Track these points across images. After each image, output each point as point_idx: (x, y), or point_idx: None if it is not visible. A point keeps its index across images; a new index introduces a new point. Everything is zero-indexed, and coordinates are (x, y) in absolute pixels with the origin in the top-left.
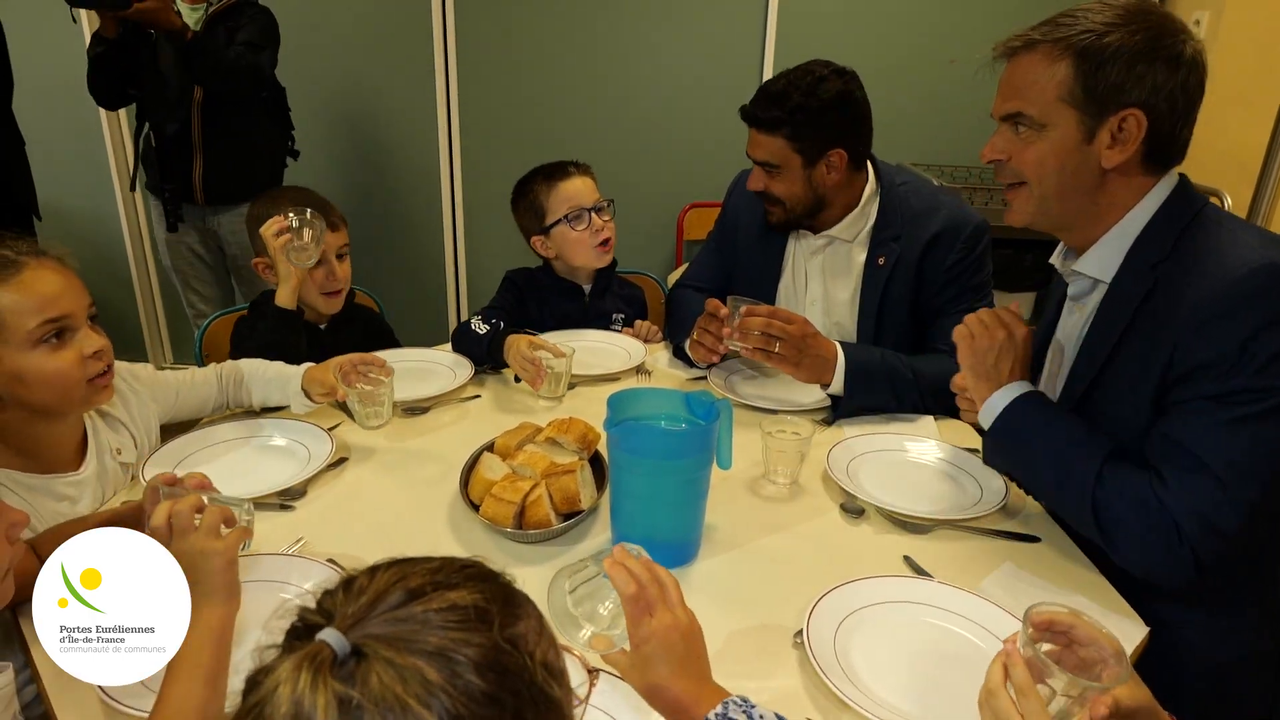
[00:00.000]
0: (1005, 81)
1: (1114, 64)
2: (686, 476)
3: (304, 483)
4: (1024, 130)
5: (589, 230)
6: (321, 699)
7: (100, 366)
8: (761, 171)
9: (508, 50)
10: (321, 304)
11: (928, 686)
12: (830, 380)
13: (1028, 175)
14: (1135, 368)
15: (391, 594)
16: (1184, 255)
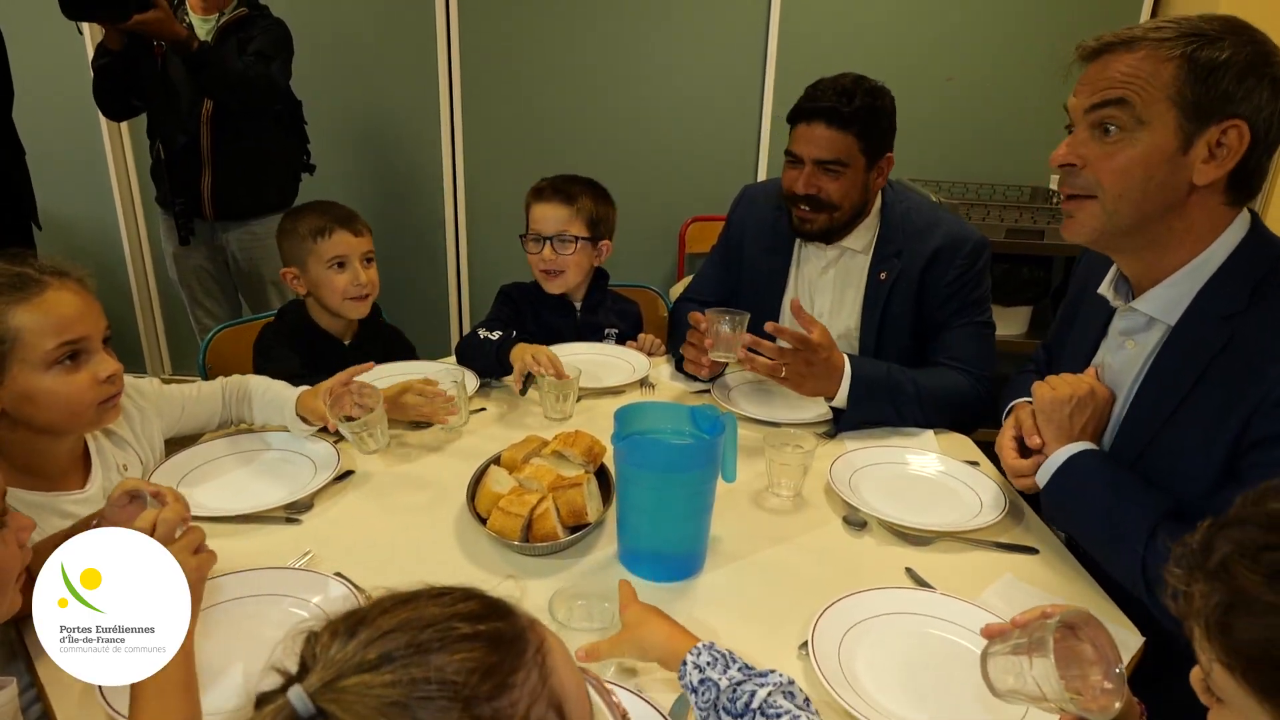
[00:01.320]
0: (1096, 76)
1: (1225, 72)
2: (692, 489)
3: (310, 496)
4: (1114, 131)
5: (539, 257)
6: None
7: (111, 390)
8: (815, 172)
9: (511, 64)
10: (349, 309)
11: (931, 696)
12: (835, 393)
13: (1106, 183)
14: (1206, 424)
15: (373, 649)
16: (1263, 312)
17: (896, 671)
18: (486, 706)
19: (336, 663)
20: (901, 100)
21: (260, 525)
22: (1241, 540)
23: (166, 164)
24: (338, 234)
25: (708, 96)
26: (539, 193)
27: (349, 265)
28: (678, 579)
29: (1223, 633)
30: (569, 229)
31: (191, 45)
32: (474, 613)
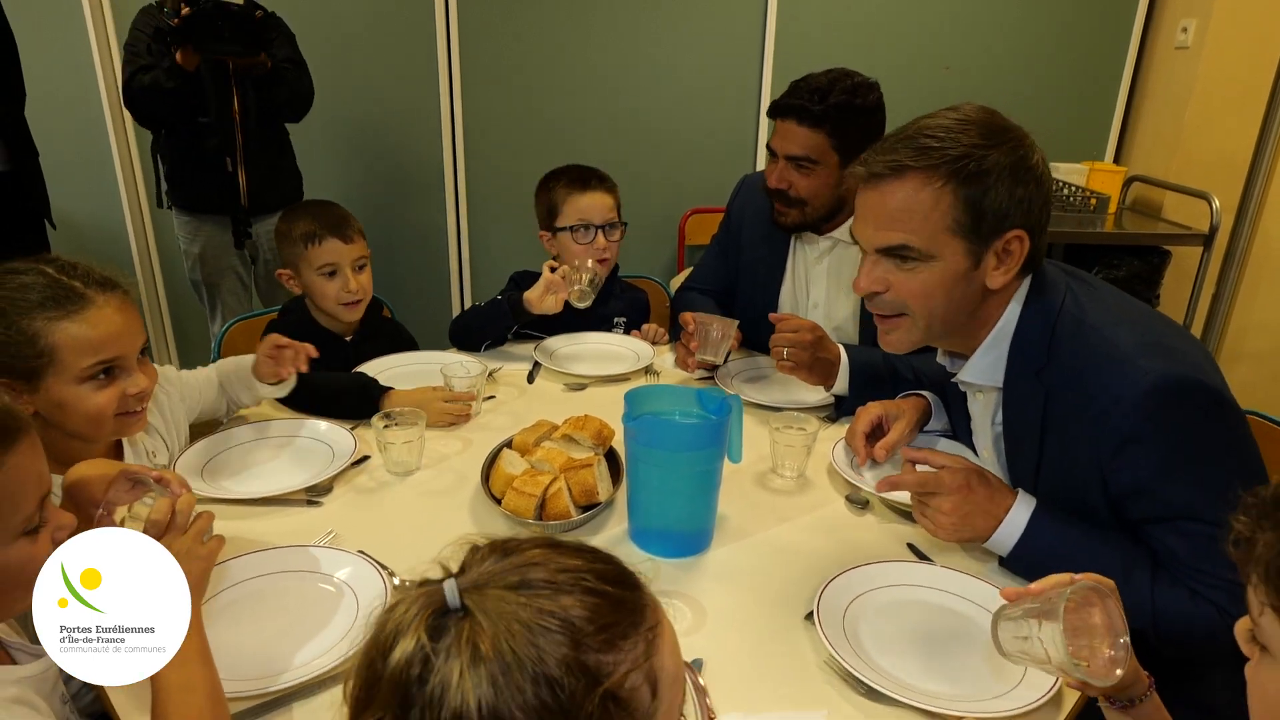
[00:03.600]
0: (876, 209)
1: (996, 192)
2: (700, 468)
3: (330, 479)
4: (908, 261)
5: (590, 246)
6: (412, 633)
7: (134, 405)
8: (787, 168)
9: (510, 58)
10: (342, 313)
11: (931, 660)
12: (833, 382)
13: (912, 305)
14: (1069, 464)
15: (517, 574)
16: (1064, 364)
17: (898, 638)
18: (592, 655)
19: (486, 573)
20: (899, 90)
21: (282, 508)
22: None
23: (200, 167)
24: (328, 241)
25: (706, 89)
26: (580, 182)
27: (340, 272)
28: (687, 555)
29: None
30: (613, 217)
31: (267, 65)
32: (606, 574)
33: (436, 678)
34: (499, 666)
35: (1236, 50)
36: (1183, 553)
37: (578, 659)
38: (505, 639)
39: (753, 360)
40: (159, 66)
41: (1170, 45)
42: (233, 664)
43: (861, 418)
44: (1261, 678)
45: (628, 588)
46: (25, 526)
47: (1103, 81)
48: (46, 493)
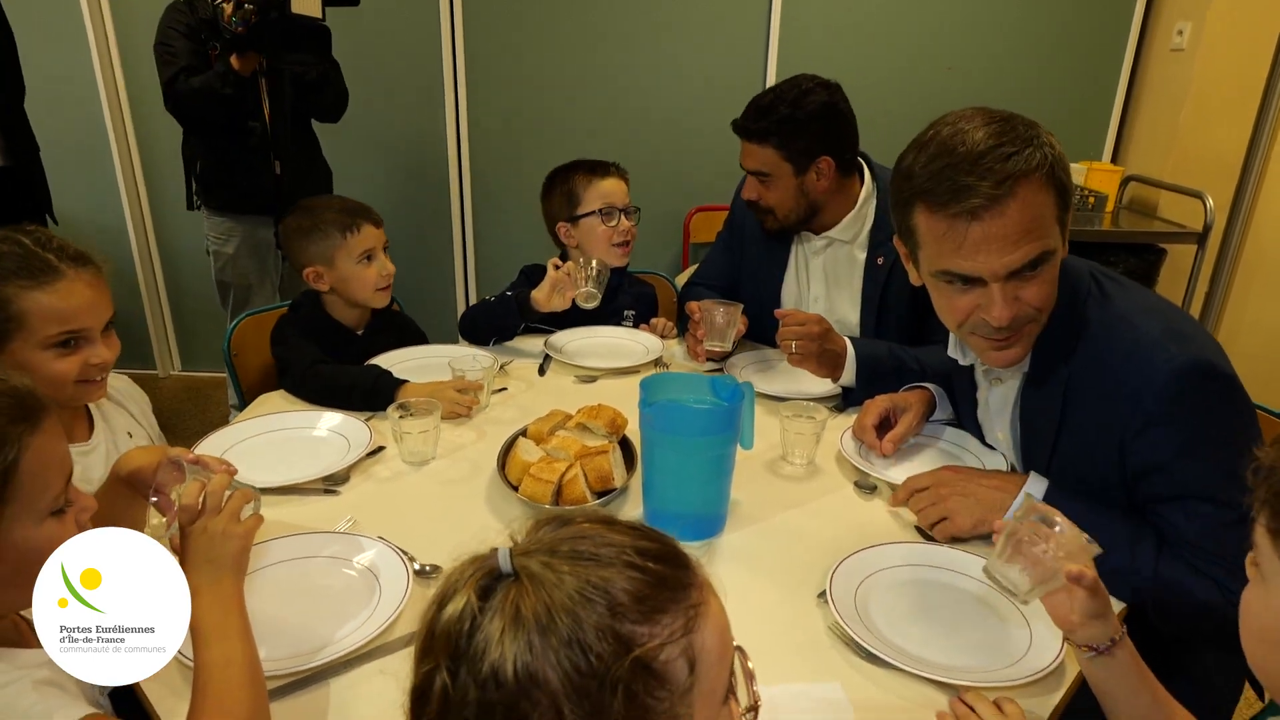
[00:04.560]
0: (1001, 233)
1: (1065, 166)
2: (714, 452)
3: (347, 469)
4: (1039, 268)
5: (615, 229)
6: (465, 591)
7: (95, 375)
8: (754, 181)
9: (515, 57)
10: (378, 300)
11: (941, 635)
12: (839, 375)
13: (1043, 307)
14: (1088, 450)
15: (567, 544)
16: (1090, 349)
17: (908, 615)
18: (628, 625)
19: (539, 542)
20: (902, 90)
21: (300, 496)
22: None
23: (244, 169)
24: (366, 228)
25: (710, 88)
26: (600, 169)
27: (376, 257)
28: (701, 538)
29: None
30: (630, 202)
31: (314, 71)
32: (650, 551)
33: (481, 634)
34: (537, 630)
35: (1230, 52)
36: (1190, 532)
37: (612, 628)
38: (546, 605)
39: (760, 352)
40: (211, 70)
41: (1166, 47)
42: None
43: (870, 411)
44: (1249, 598)
45: (673, 565)
46: (53, 507)
47: (1100, 82)
48: (70, 473)
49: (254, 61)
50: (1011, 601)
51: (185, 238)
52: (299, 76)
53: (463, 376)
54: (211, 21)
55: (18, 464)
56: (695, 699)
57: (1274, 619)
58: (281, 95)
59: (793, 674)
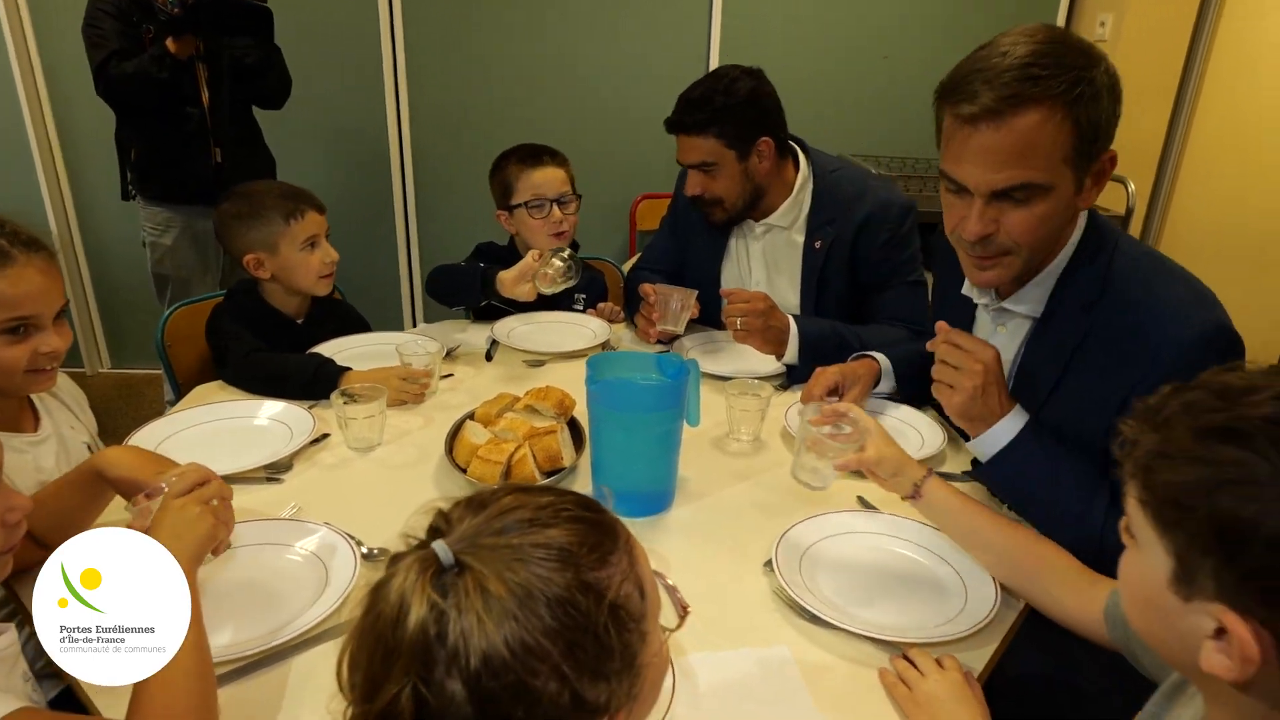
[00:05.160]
0: (992, 150)
1: (1105, 108)
2: (662, 429)
3: (290, 456)
4: (1022, 197)
5: (547, 220)
6: (419, 598)
7: (45, 364)
8: (698, 175)
9: (458, 40)
10: (321, 287)
11: (882, 597)
12: (784, 351)
13: (1024, 241)
14: (1085, 402)
15: (500, 520)
16: (1116, 301)
17: (851, 579)
18: (590, 573)
19: (471, 527)
20: (841, 78)
21: (243, 485)
22: (1189, 402)
23: (182, 157)
24: (310, 214)
25: (655, 77)
26: (532, 158)
27: (319, 244)
28: (650, 514)
29: (1146, 475)
30: (566, 190)
31: (254, 54)
32: (579, 502)
33: (456, 630)
34: (514, 601)
35: (1150, 43)
36: None
37: (579, 579)
38: (510, 576)
39: (706, 334)
40: (145, 53)
41: (1090, 38)
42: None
43: (819, 381)
44: (1125, 563)
45: (596, 510)
46: None
47: None
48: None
49: (191, 45)
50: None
51: (115, 229)
52: (239, 61)
53: (409, 364)
54: (144, 2)
55: None
56: (649, 619)
57: (1146, 582)
58: (220, 80)
59: (742, 639)
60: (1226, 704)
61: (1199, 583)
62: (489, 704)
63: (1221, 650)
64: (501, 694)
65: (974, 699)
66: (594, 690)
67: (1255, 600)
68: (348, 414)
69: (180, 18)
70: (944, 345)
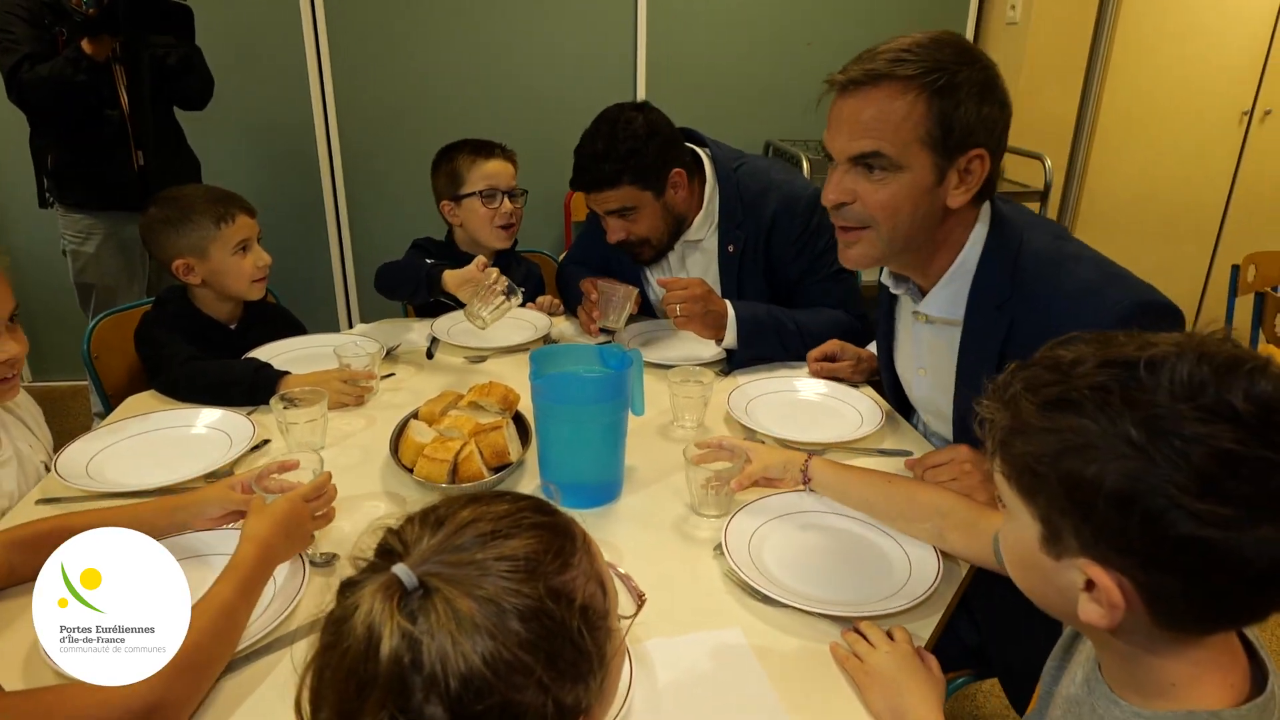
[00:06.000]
0: (851, 118)
1: (965, 108)
2: (607, 420)
3: (230, 464)
4: (877, 171)
5: (497, 211)
6: (389, 627)
7: (4, 372)
8: (617, 221)
9: (383, 35)
10: (254, 291)
11: (827, 575)
12: (723, 335)
13: (878, 216)
14: None
15: (460, 536)
16: (1027, 295)
17: (798, 558)
18: (556, 579)
19: (430, 548)
20: (767, 65)
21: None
22: (1029, 378)
23: (101, 162)
24: (240, 217)
25: (584, 69)
26: (484, 150)
27: (251, 247)
28: (600, 505)
29: (1004, 449)
30: (515, 183)
31: (172, 57)
32: (536, 507)
33: (431, 655)
34: (486, 618)
35: (1058, 25)
36: None
37: (548, 586)
38: (479, 593)
39: (645, 324)
40: (61, 56)
41: (1002, 21)
42: None
43: (822, 347)
44: (1002, 533)
45: (551, 513)
46: None
47: None
48: None
49: (108, 45)
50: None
51: (27, 237)
52: (159, 61)
53: (348, 366)
54: (55, 5)
55: None
56: (611, 614)
57: (1022, 546)
58: (141, 82)
59: (694, 624)
60: (1108, 647)
61: (1064, 541)
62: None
63: (1094, 600)
64: (486, 714)
65: (924, 669)
66: (573, 694)
67: (1112, 550)
68: (288, 419)
69: (96, 18)
70: (928, 471)
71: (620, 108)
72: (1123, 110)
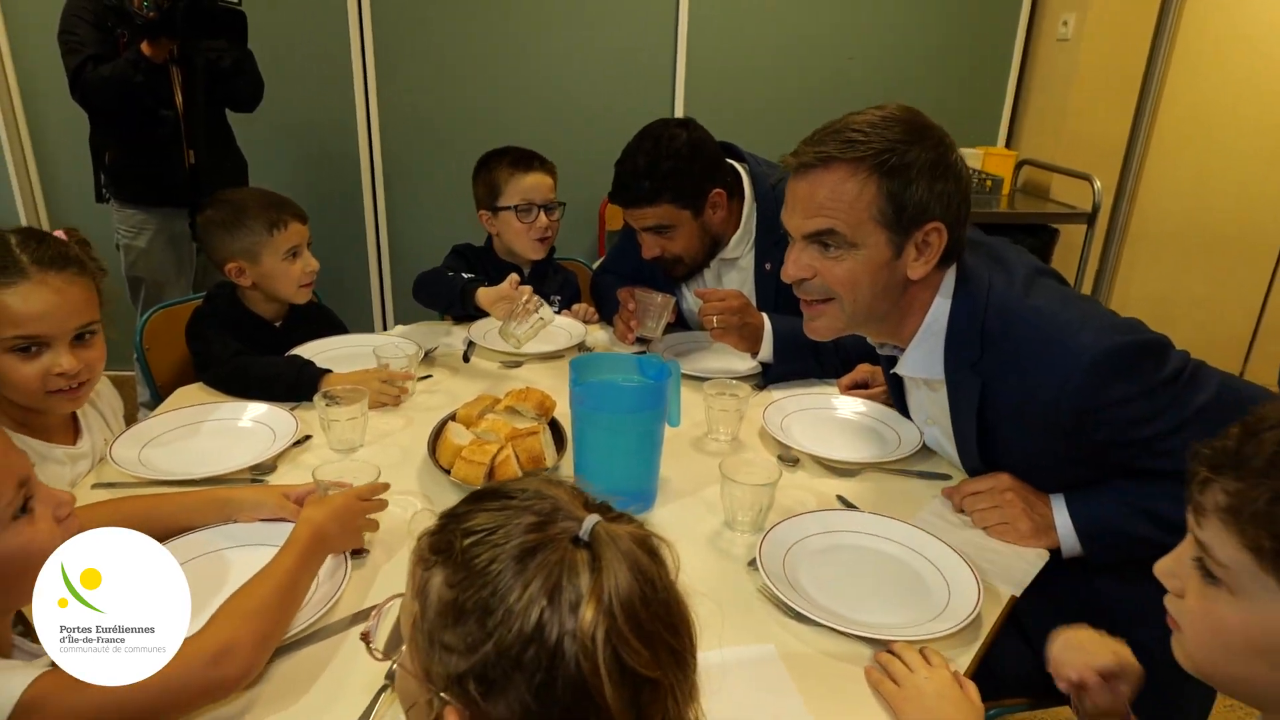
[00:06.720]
0: (805, 198)
1: (917, 186)
2: (644, 429)
3: (274, 458)
4: (833, 249)
5: (533, 225)
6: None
7: (63, 384)
8: (653, 237)
9: (427, 43)
10: (301, 296)
11: (865, 595)
12: (759, 349)
13: (840, 292)
14: (1024, 442)
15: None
16: (996, 354)
17: (832, 577)
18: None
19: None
20: (806, 78)
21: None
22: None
23: (156, 159)
24: (292, 225)
25: (622, 78)
26: (523, 163)
27: (301, 253)
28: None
29: (1256, 521)
30: (553, 197)
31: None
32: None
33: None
34: (629, 560)
35: (1111, 42)
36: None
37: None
38: (619, 543)
39: (681, 336)
40: (122, 57)
41: (1053, 37)
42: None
43: (852, 374)
44: (1220, 610)
45: None
46: (9, 513)
47: (993, 71)
48: (21, 476)
49: (166, 48)
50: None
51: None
52: (213, 64)
53: (387, 365)
54: (118, 8)
55: None
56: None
57: (1261, 630)
58: (195, 83)
59: (727, 639)
60: None
61: None
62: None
63: None
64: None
65: (964, 696)
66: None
67: None
68: (330, 416)
69: (155, 21)
70: (967, 499)
71: (664, 124)
72: (1177, 129)
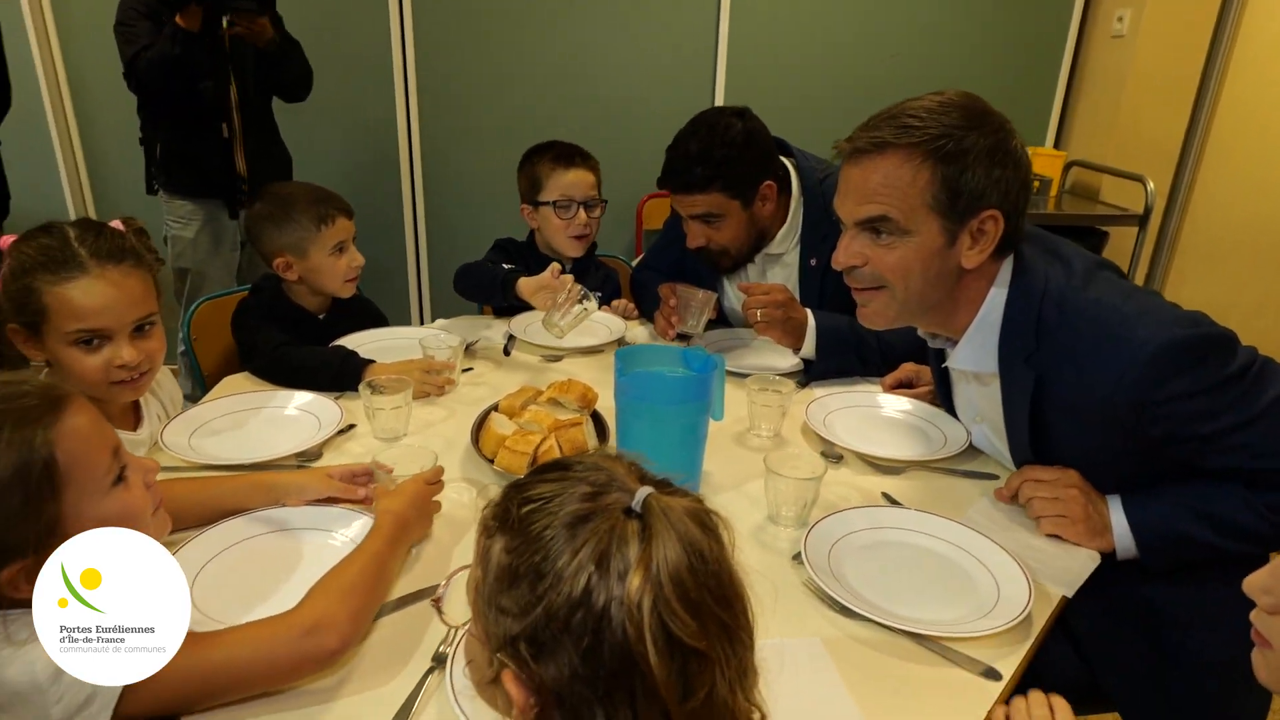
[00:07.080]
0: (859, 184)
1: (974, 172)
2: (688, 421)
3: (319, 445)
4: (885, 235)
5: (571, 222)
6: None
7: (124, 375)
8: (700, 226)
9: (467, 37)
10: (346, 290)
11: (911, 591)
12: (801, 344)
13: (891, 280)
14: (1081, 438)
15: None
16: (1051, 348)
17: (878, 572)
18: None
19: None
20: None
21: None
22: None
23: (204, 151)
24: (339, 220)
25: (662, 76)
26: (565, 159)
27: (347, 249)
28: None
29: None
30: (594, 194)
31: (268, 32)
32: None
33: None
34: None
35: (1168, 39)
36: (1244, 461)
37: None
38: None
39: (723, 332)
40: (162, 34)
41: (1107, 34)
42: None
43: (896, 373)
44: None
45: None
46: (110, 479)
47: (1043, 69)
48: (115, 444)
49: (197, 15)
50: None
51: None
52: (255, 44)
53: (432, 357)
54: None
55: (54, 457)
56: None
57: None
58: (246, 78)
59: (773, 631)
60: None
61: None
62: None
63: None
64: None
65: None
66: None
67: None
68: (375, 405)
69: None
70: (1029, 484)
71: (720, 111)
72: (1235, 130)
